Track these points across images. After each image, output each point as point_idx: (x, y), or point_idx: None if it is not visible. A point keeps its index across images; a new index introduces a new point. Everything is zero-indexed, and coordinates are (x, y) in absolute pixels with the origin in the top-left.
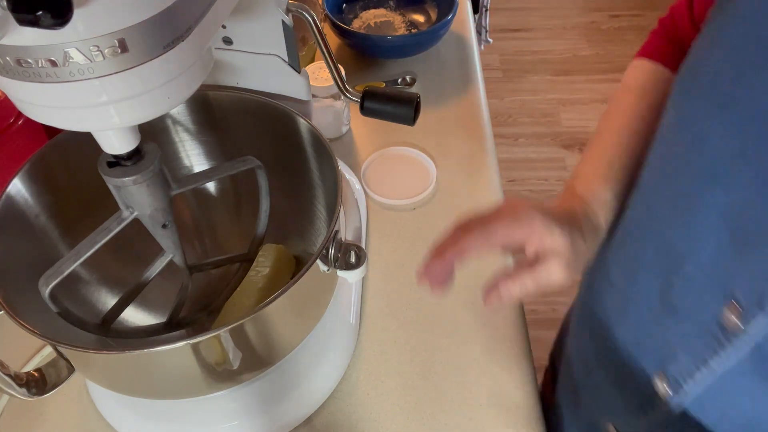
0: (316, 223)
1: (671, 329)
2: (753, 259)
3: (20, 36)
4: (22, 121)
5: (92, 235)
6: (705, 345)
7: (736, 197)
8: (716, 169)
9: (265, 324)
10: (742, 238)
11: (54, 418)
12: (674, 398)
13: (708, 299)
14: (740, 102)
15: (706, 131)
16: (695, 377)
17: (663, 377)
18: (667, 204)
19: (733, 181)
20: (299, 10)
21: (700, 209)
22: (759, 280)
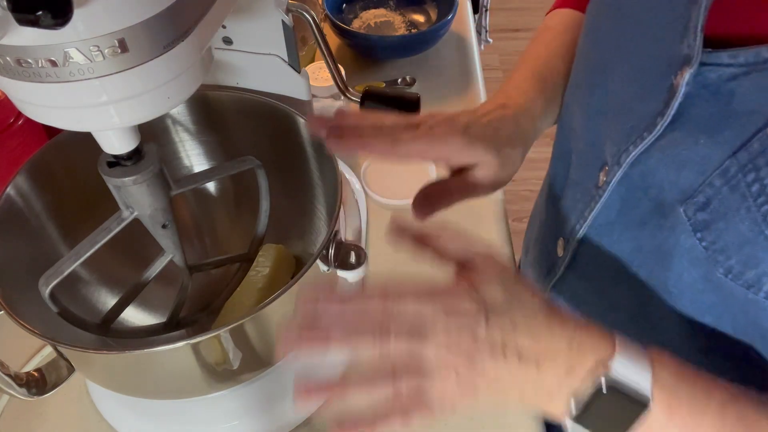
0: (316, 223)
1: (568, 197)
2: (614, 127)
3: (20, 36)
4: (22, 121)
5: (92, 235)
6: (585, 204)
7: (613, 80)
8: (603, 57)
9: (265, 324)
10: (612, 115)
11: (54, 418)
12: (565, 255)
13: (591, 169)
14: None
15: (600, 29)
16: (576, 230)
17: (561, 241)
18: (572, 96)
19: (612, 67)
20: (299, 10)
21: (590, 92)
22: (616, 143)
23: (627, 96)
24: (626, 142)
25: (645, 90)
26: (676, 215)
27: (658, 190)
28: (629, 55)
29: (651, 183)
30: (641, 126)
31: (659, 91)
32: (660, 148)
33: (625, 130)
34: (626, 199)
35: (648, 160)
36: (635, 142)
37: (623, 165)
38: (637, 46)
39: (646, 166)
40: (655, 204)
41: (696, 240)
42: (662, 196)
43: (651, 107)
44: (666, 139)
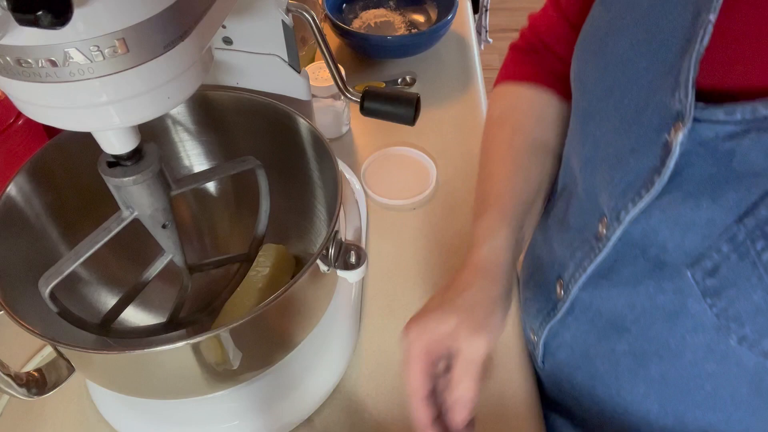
0: (316, 223)
1: (566, 241)
2: (609, 179)
3: (20, 36)
4: (22, 121)
5: (92, 235)
6: (584, 254)
7: (603, 130)
8: (591, 106)
9: (265, 324)
10: (606, 166)
11: (54, 418)
12: (564, 298)
13: (589, 217)
14: (608, 48)
15: (585, 77)
16: (575, 278)
17: (560, 283)
18: (569, 140)
19: (601, 117)
20: (299, 10)
21: (583, 141)
22: (613, 197)
23: (619, 147)
24: (623, 197)
25: (638, 143)
26: (682, 278)
27: (660, 250)
28: (618, 105)
29: (652, 242)
30: (638, 183)
31: (653, 145)
32: (660, 207)
33: (621, 185)
34: (622, 255)
35: (649, 219)
36: (633, 199)
37: (623, 222)
38: (626, 96)
39: (648, 225)
40: (655, 264)
41: (706, 305)
42: (664, 256)
43: (646, 163)
44: (666, 199)
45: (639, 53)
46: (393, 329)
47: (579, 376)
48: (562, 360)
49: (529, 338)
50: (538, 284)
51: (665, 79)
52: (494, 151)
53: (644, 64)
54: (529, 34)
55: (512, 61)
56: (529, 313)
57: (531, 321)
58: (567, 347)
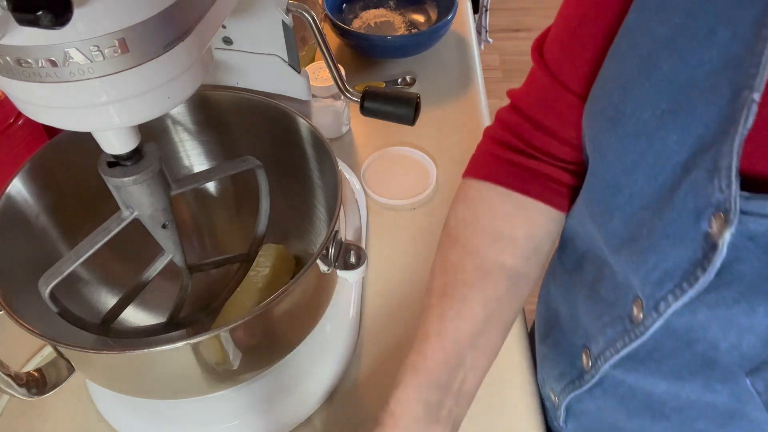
0: (316, 223)
1: (595, 314)
2: (641, 263)
3: (20, 36)
4: (22, 121)
5: (92, 235)
6: (616, 334)
7: (635, 207)
8: (616, 180)
9: (264, 324)
10: (637, 248)
11: (54, 418)
12: (592, 372)
13: (622, 293)
14: (627, 116)
15: (604, 146)
16: (606, 356)
17: (587, 353)
18: (587, 212)
19: (631, 192)
20: (299, 10)
21: (609, 215)
22: (649, 284)
23: (652, 229)
24: (661, 287)
25: (672, 229)
26: (738, 383)
27: (709, 347)
28: (650, 181)
29: (699, 338)
30: (677, 274)
31: (691, 233)
32: (708, 305)
33: (657, 272)
34: (662, 345)
35: (695, 314)
36: (674, 292)
37: (663, 314)
38: (659, 174)
39: (694, 320)
40: (704, 361)
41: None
42: (715, 355)
43: (684, 252)
44: (713, 297)
45: (666, 126)
46: (393, 329)
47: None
48: (587, 425)
49: (548, 395)
50: (559, 344)
51: (701, 158)
52: (439, 273)
53: (674, 139)
54: (510, 118)
55: (484, 153)
56: (549, 373)
57: (551, 382)
58: (593, 415)
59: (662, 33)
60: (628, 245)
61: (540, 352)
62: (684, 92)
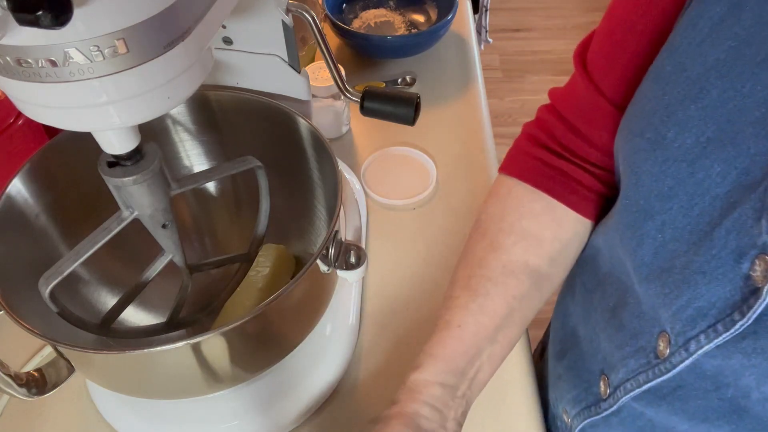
0: (316, 223)
1: (616, 342)
2: (672, 296)
3: (20, 36)
4: (22, 121)
5: (92, 235)
6: (639, 366)
7: (667, 237)
8: (650, 205)
9: (265, 324)
10: (668, 279)
11: (54, 418)
12: (610, 401)
13: (647, 325)
14: (668, 140)
15: (640, 169)
16: (627, 388)
17: (605, 381)
18: (617, 234)
19: (664, 221)
20: (299, 10)
21: (639, 241)
22: (679, 319)
23: (686, 263)
24: (693, 325)
25: (709, 266)
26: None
27: (740, 394)
28: (687, 212)
29: (729, 383)
30: (712, 312)
31: (730, 274)
32: (743, 351)
33: (689, 310)
34: (688, 384)
35: (727, 359)
36: (707, 332)
37: (693, 354)
38: (697, 204)
39: (726, 364)
40: (732, 407)
41: None
42: (746, 403)
43: (722, 292)
44: (750, 343)
45: (710, 155)
46: (393, 329)
47: None
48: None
49: (559, 415)
50: (575, 366)
51: (746, 194)
52: (464, 265)
53: (718, 170)
54: (550, 116)
55: (519, 150)
56: (564, 395)
57: (565, 404)
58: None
59: (714, 56)
60: (659, 276)
61: (554, 372)
62: (732, 121)
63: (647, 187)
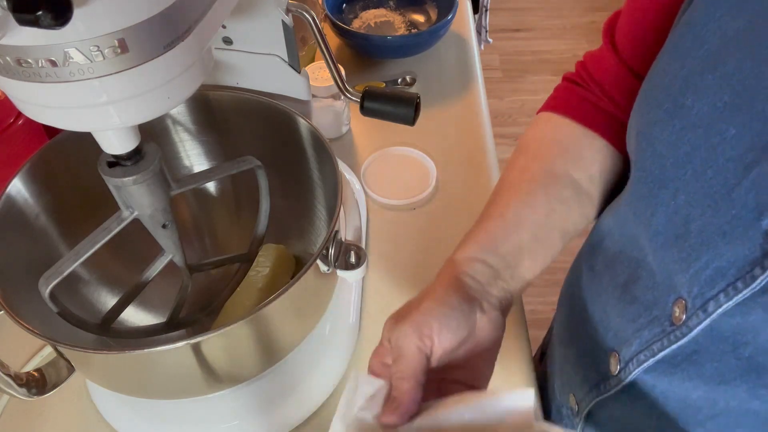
0: (316, 223)
1: (629, 316)
2: (689, 259)
3: (20, 36)
4: (22, 121)
5: (92, 235)
6: (653, 336)
7: (680, 202)
8: (664, 173)
9: (265, 324)
10: (685, 244)
11: (54, 418)
12: (621, 376)
13: (662, 294)
14: (685, 108)
15: (657, 139)
16: (640, 359)
17: (616, 357)
18: (629, 209)
19: (677, 186)
20: (299, 10)
21: (653, 211)
22: (697, 282)
23: (703, 226)
24: (711, 286)
25: (729, 225)
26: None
27: (759, 351)
28: (699, 175)
29: (748, 341)
30: (731, 272)
31: (750, 231)
32: (764, 305)
33: (708, 271)
34: (705, 348)
35: (747, 315)
36: (726, 291)
37: (711, 314)
38: (710, 167)
39: (745, 321)
40: (750, 365)
41: None
42: (765, 360)
43: (741, 250)
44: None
45: (726, 119)
46: None
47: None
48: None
49: (565, 403)
50: (583, 348)
51: (763, 154)
52: (505, 176)
53: (733, 132)
54: (583, 72)
55: (561, 91)
56: (571, 378)
57: (573, 387)
58: (616, 423)
59: (734, 28)
60: (675, 243)
61: (561, 358)
62: (748, 87)
63: (663, 157)
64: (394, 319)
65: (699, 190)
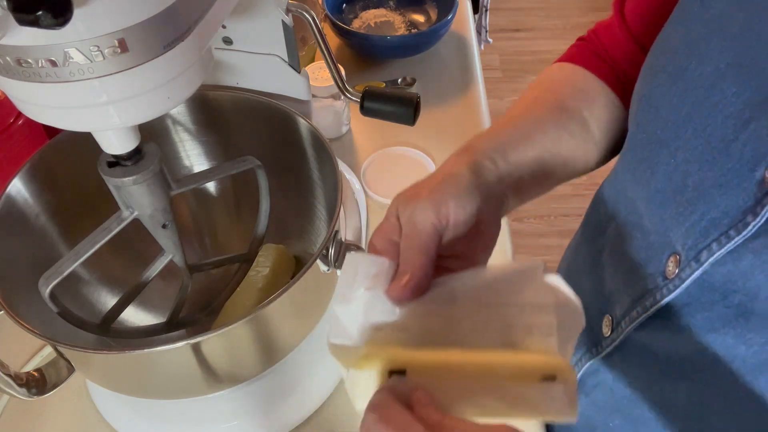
0: (316, 223)
1: (622, 278)
2: (685, 214)
3: (20, 36)
4: (22, 121)
5: (92, 235)
6: (645, 292)
7: (679, 160)
8: (665, 133)
9: (265, 324)
10: (682, 200)
11: (54, 418)
12: (613, 337)
13: (656, 253)
14: (689, 71)
15: (659, 101)
16: (633, 317)
17: (609, 319)
18: (628, 172)
19: (677, 145)
20: (299, 10)
21: (652, 170)
22: (691, 235)
23: (700, 180)
24: (705, 236)
25: (725, 178)
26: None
27: (748, 297)
28: (699, 133)
29: (738, 288)
30: (725, 221)
31: (744, 182)
32: (754, 250)
33: (703, 222)
34: (695, 299)
35: (738, 261)
36: (719, 239)
37: (704, 263)
38: (709, 124)
39: (736, 268)
40: (738, 312)
41: None
42: (752, 305)
43: (735, 201)
44: (761, 241)
45: (726, 78)
46: None
47: (618, 420)
48: (599, 400)
49: None
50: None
51: (761, 109)
52: (518, 103)
53: (733, 90)
54: (596, 39)
55: (574, 48)
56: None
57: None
58: (607, 388)
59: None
60: (673, 199)
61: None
62: (751, 47)
63: (664, 117)
64: (406, 197)
65: (698, 146)
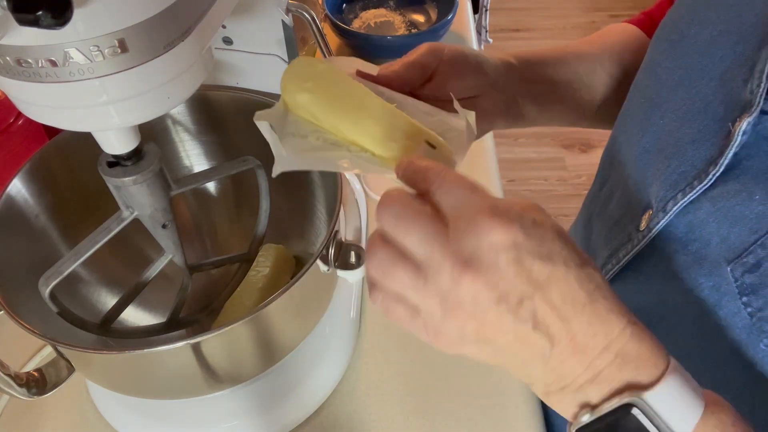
0: (316, 223)
1: (605, 230)
2: (663, 170)
3: (20, 36)
4: (22, 121)
5: (92, 235)
6: (620, 244)
7: (667, 120)
8: (660, 96)
9: (265, 324)
10: (663, 156)
11: (54, 418)
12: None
13: (633, 208)
14: (688, 37)
15: (658, 65)
16: (608, 269)
17: None
18: (623, 130)
19: (668, 107)
20: (299, 10)
21: (643, 131)
22: (663, 187)
23: (680, 137)
24: (674, 188)
25: (699, 133)
26: (721, 274)
27: (703, 244)
28: (687, 95)
29: (696, 237)
30: (691, 173)
31: (714, 136)
32: (711, 199)
33: (674, 176)
34: (660, 249)
35: (697, 211)
36: (684, 189)
37: (669, 213)
38: (695, 86)
39: (695, 217)
40: (695, 258)
41: (741, 304)
42: (706, 251)
43: (703, 153)
44: (718, 191)
45: (718, 44)
46: (393, 329)
47: None
48: None
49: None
50: None
51: (739, 70)
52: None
53: (720, 55)
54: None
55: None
56: None
57: None
58: None
59: None
60: (657, 157)
61: None
62: (739, 14)
63: (662, 81)
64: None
65: (683, 107)
